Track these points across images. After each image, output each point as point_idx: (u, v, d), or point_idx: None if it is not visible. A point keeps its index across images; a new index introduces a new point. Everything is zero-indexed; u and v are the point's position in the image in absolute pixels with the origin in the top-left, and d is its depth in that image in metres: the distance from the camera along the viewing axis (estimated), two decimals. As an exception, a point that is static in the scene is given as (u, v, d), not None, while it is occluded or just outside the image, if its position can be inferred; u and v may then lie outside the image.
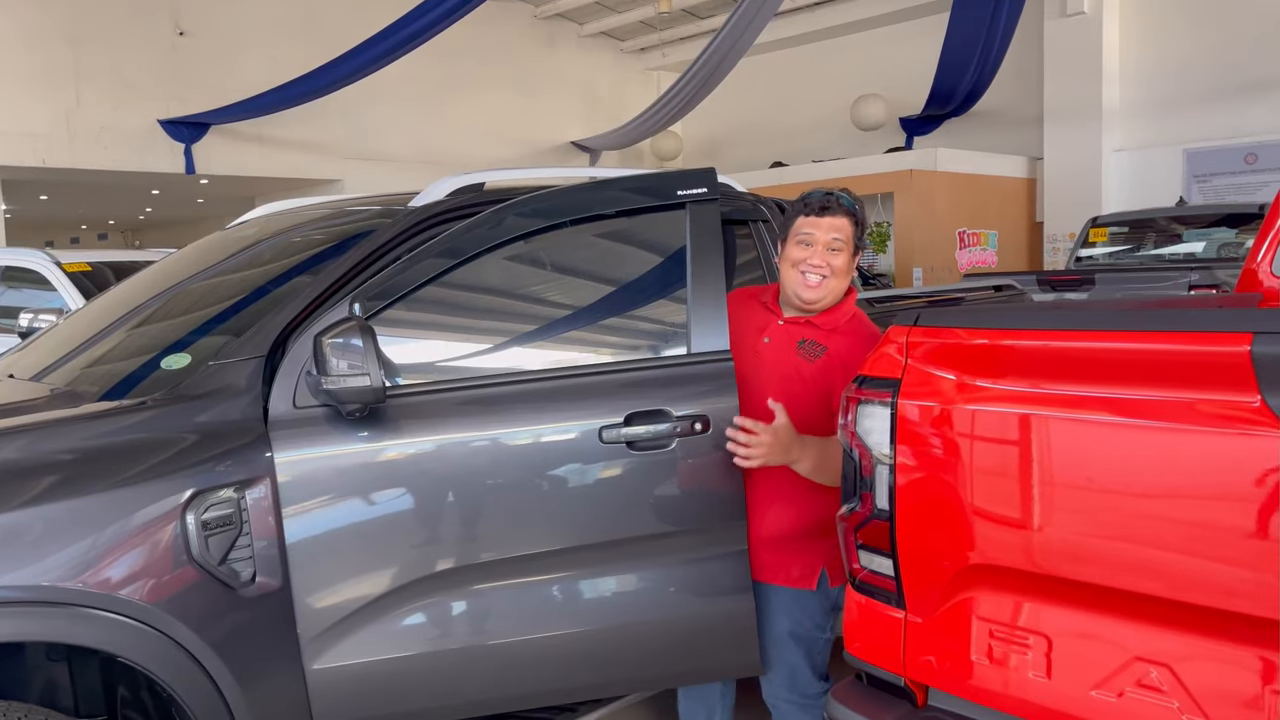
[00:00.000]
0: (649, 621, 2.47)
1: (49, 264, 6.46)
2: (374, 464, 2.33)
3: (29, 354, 3.01)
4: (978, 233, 11.65)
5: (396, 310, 2.44)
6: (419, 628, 2.35)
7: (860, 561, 1.96)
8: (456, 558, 2.37)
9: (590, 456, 2.44)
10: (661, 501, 2.49)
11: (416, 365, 2.47)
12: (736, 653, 2.52)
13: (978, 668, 1.77)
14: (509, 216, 2.56)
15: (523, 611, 2.43)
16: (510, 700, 2.47)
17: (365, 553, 2.31)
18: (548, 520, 2.43)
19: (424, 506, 2.36)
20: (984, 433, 1.76)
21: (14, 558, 1.92)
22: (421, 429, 2.37)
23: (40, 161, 11.53)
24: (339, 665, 2.29)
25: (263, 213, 3.54)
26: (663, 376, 2.51)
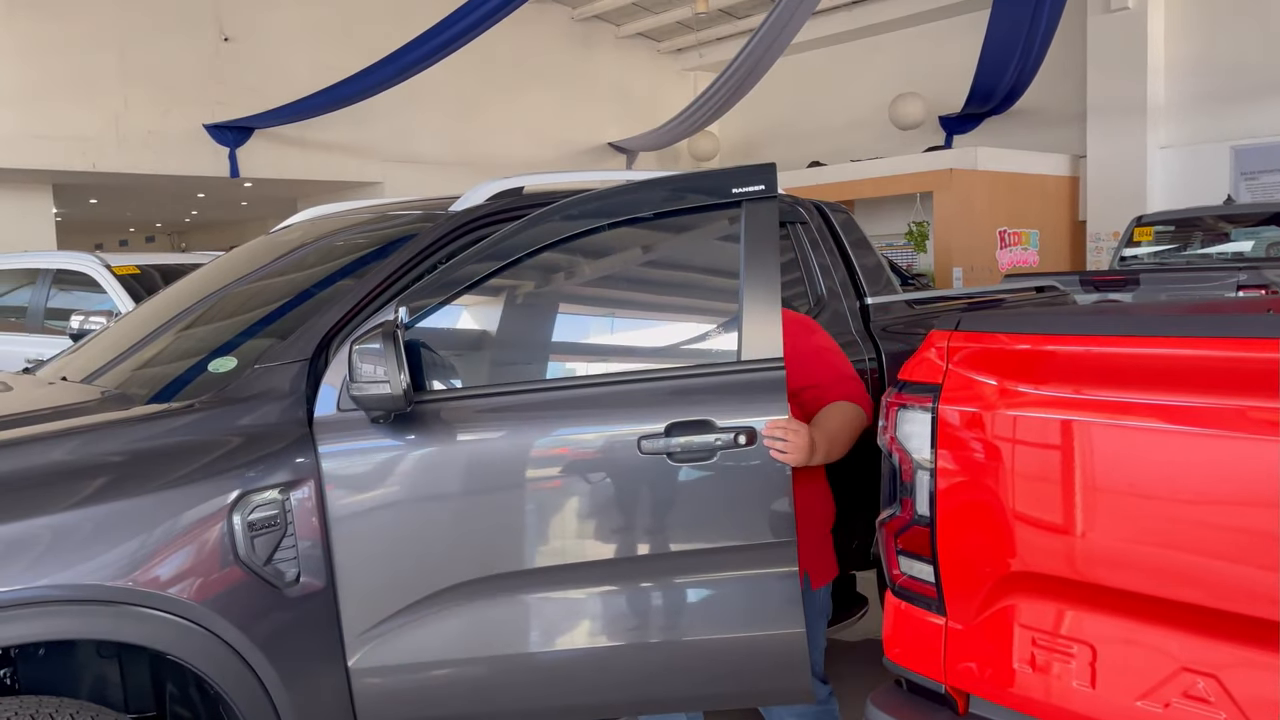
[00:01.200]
0: (690, 641, 2.40)
1: (99, 267, 6.59)
2: (415, 468, 2.35)
3: (80, 356, 3.07)
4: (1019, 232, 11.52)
5: (441, 315, 2.44)
6: (456, 633, 2.35)
7: (900, 567, 1.95)
8: (493, 565, 2.36)
9: (628, 467, 2.37)
10: (704, 517, 2.40)
11: (461, 370, 2.47)
12: (785, 678, 2.41)
13: (1020, 676, 1.75)
14: (556, 219, 2.51)
15: (560, 623, 2.40)
16: (547, 713, 2.45)
17: (405, 556, 2.32)
18: (585, 531, 2.39)
19: (462, 512, 2.36)
20: (1026, 438, 1.74)
21: (66, 557, 1.96)
22: (462, 434, 2.37)
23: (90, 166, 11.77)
24: (381, 666, 2.32)
25: (306, 217, 3.59)
26: (709, 385, 2.40)
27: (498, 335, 2.59)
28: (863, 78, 14.09)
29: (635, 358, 2.56)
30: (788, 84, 14.20)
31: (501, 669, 2.38)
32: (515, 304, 2.59)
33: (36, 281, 7.05)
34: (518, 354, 2.59)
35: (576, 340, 2.64)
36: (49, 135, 11.40)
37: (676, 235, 2.61)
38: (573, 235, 2.52)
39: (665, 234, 2.61)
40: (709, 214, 2.53)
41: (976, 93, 11.84)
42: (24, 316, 7.08)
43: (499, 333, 2.60)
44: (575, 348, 2.62)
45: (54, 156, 11.50)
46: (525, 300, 2.60)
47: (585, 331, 2.67)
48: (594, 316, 2.67)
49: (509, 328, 2.61)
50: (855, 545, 3.45)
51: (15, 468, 2.04)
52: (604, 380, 2.48)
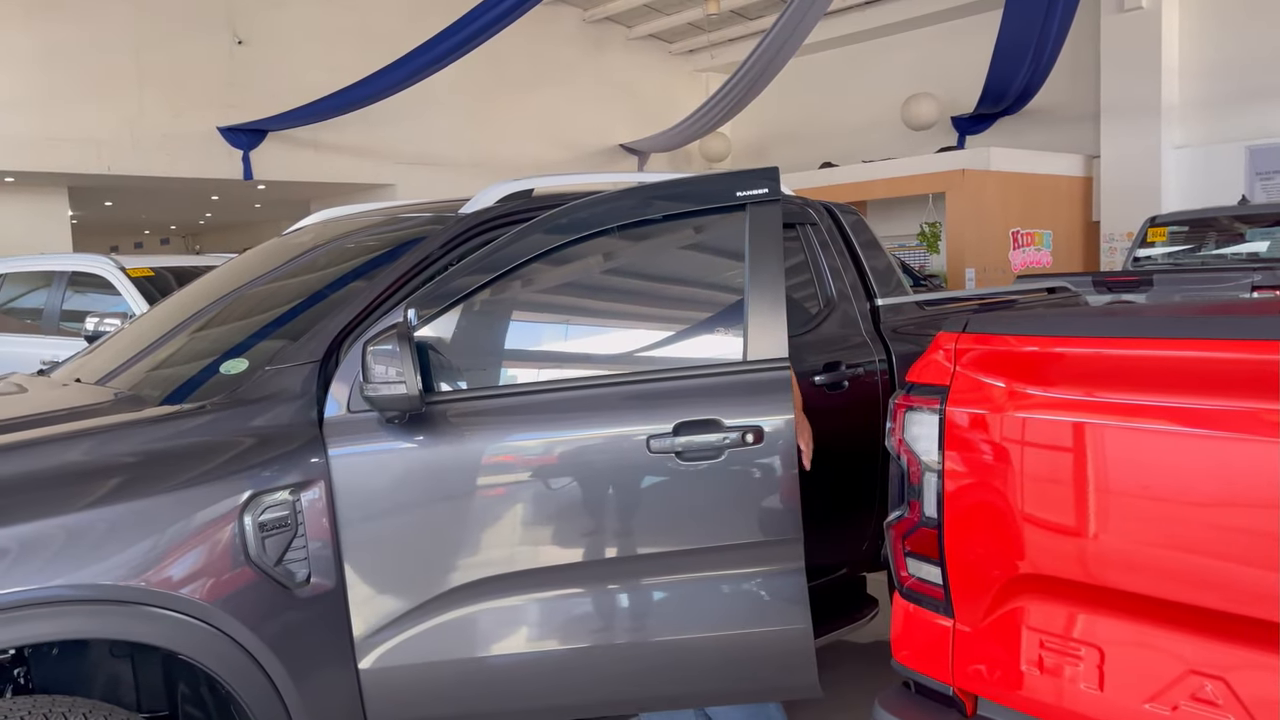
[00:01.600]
0: (699, 637, 2.42)
1: (114, 269, 6.64)
2: (424, 469, 2.36)
3: (95, 358, 3.10)
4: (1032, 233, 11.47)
5: (450, 316, 2.46)
6: (467, 633, 2.37)
7: (908, 569, 1.95)
8: (503, 565, 2.37)
9: (637, 466, 2.39)
10: (712, 514, 2.42)
11: (468, 371, 2.49)
12: (792, 673, 2.43)
13: (1028, 678, 1.75)
14: (564, 222, 2.53)
15: (570, 621, 2.42)
16: (558, 710, 2.47)
17: (415, 556, 2.34)
18: (595, 530, 2.41)
19: (472, 513, 2.38)
20: (1035, 440, 1.74)
21: (78, 557, 1.98)
22: (472, 435, 2.39)
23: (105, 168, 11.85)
24: (391, 666, 2.33)
25: (318, 219, 3.61)
26: (715, 385, 2.44)
27: (506, 337, 2.61)
28: (875, 78, 14.06)
29: (643, 359, 2.58)
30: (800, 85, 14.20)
31: (510, 668, 2.39)
32: (523, 306, 2.60)
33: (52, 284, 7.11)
34: (526, 355, 2.61)
35: (584, 341, 2.65)
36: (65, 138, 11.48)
37: (683, 237, 2.63)
38: (580, 238, 2.54)
39: (672, 236, 2.63)
40: (714, 217, 2.56)
41: (989, 93, 11.81)
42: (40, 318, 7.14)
43: (507, 334, 2.62)
44: (583, 349, 2.64)
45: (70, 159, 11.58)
46: (533, 302, 2.61)
47: (593, 333, 2.69)
48: (601, 318, 2.68)
49: (517, 329, 2.63)
50: (865, 547, 3.45)
51: (29, 469, 2.06)
52: (612, 380, 2.50)
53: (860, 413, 3.36)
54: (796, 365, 3.12)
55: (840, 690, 3.66)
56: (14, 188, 12.48)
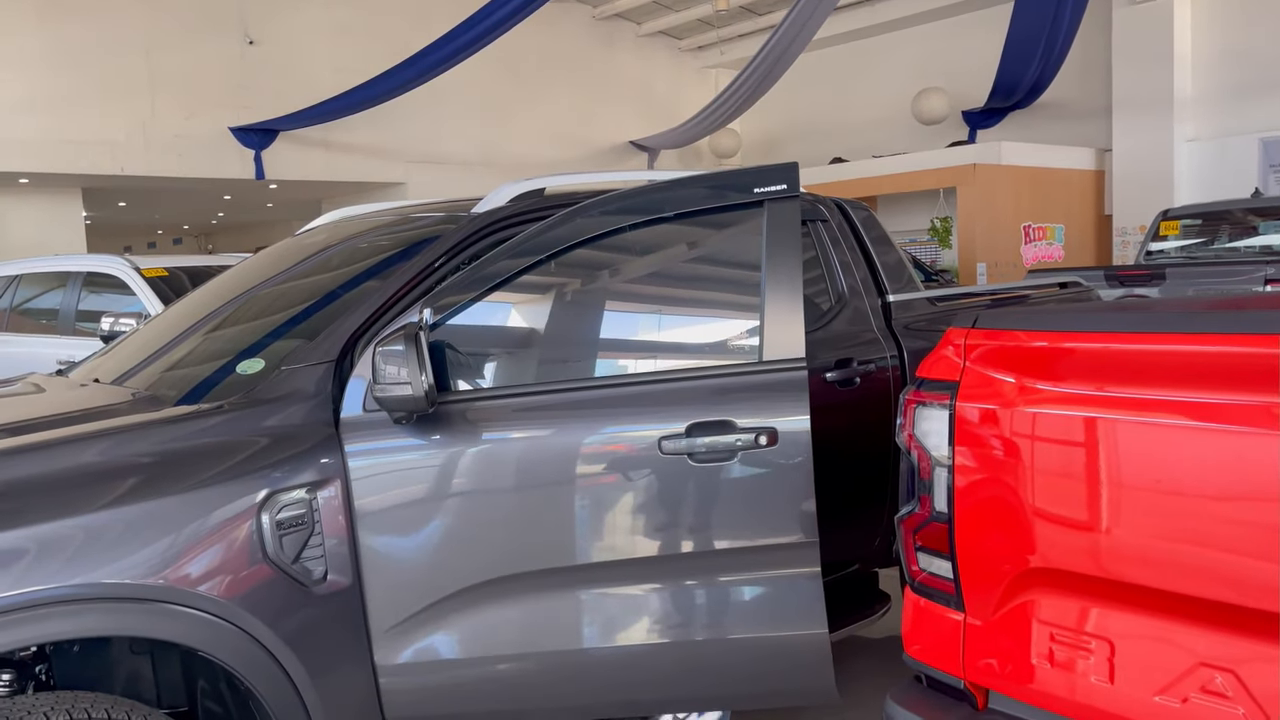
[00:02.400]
0: (711, 640, 2.41)
1: (129, 270, 6.68)
2: (439, 468, 2.38)
3: (111, 358, 3.13)
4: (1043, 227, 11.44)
5: (464, 316, 2.46)
6: (481, 631, 2.38)
7: (919, 564, 1.96)
8: (516, 564, 2.38)
9: (649, 467, 2.38)
10: (725, 517, 2.41)
11: (482, 371, 2.50)
12: (809, 678, 2.42)
13: (1039, 671, 1.76)
14: (578, 220, 2.53)
15: (582, 622, 2.43)
16: (570, 710, 2.48)
17: (430, 555, 2.35)
18: (605, 531, 2.41)
19: (485, 512, 2.38)
20: (1045, 435, 1.74)
21: (98, 556, 2.00)
22: (485, 434, 2.40)
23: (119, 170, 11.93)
24: (407, 663, 2.35)
25: (331, 219, 3.63)
26: (730, 385, 2.42)
27: (520, 336, 2.62)
28: (885, 73, 14.03)
29: (656, 357, 2.58)
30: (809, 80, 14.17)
31: (524, 667, 2.41)
32: (537, 305, 2.61)
33: (67, 284, 7.16)
34: (540, 355, 2.61)
35: (597, 341, 2.66)
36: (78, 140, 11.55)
37: (698, 235, 2.62)
38: (594, 236, 2.54)
39: (687, 234, 2.62)
40: (731, 213, 2.54)
41: (1000, 87, 11.77)
42: (55, 319, 7.19)
43: (521, 334, 2.62)
44: (596, 348, 2.64)
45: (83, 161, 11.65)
46: (547, 301, 2.62)
47: (606, 332, 2.69)
48: (615, 317, 2.68)
49: (531, 329, 2.64)
50: (877, 543, 3.46)
51: (49, 469, 2.09)
52: (625, 380, 2.50)
53: (871, 409, 3.36)
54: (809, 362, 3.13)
55: (852, 686, 3.67)
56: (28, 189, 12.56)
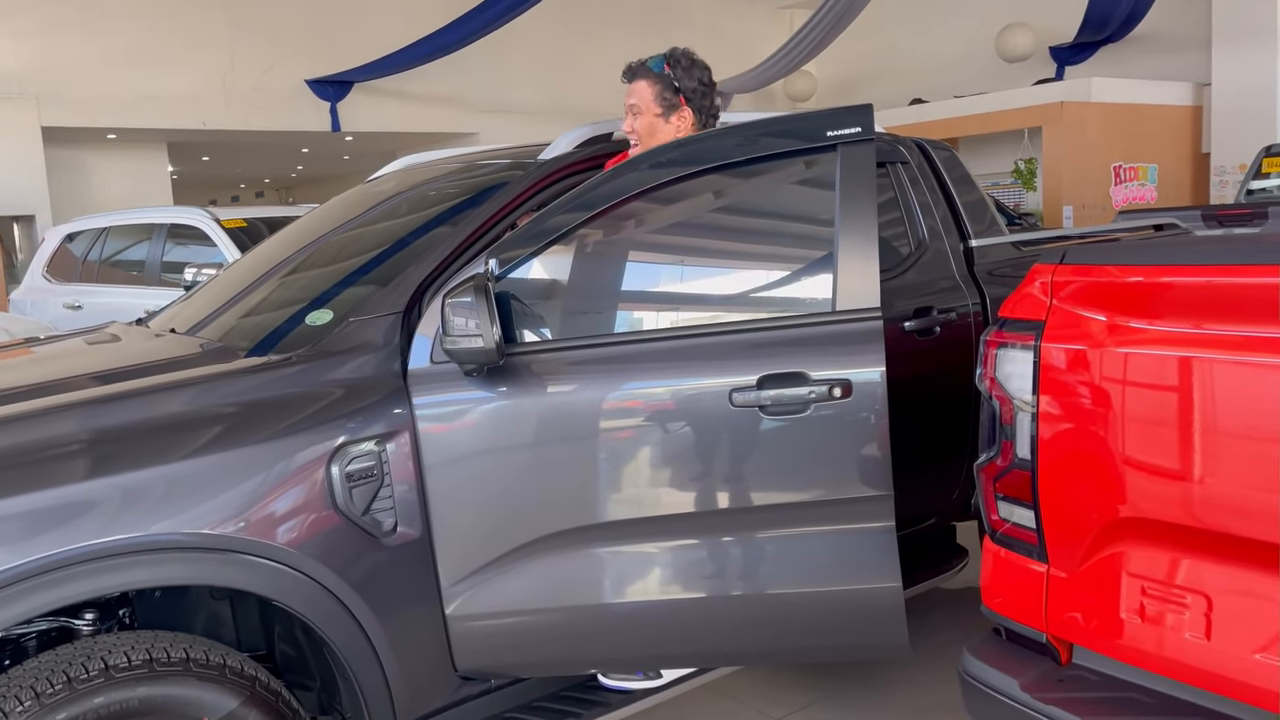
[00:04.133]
0: (784, 594, 2.38)
1: (209, 221, 6.82)
2: (506, 420, 2.35)
3: (188, 308, 3.17)
4: (1135, 167, 10.96)
5: (531, 266, 2.42)
6: (550, 583, 2.37)
7: (999, 513, 1.87)
8: (585, 516, 2.36)
9: (720, 419, 2.33)
10: (797, 470, 2.36)
11: (550, 321, 2.46)
12: (882, 632, 2.38)
13: (1128, 626, 1.67)
14: (646, 166, 2.46)
15: (651, 574, 2.41)
16: (641, 660, 2.47)
17: (498, 507, 2.34)
18: (675, 484, 2.37)
19: (553, 465, 2.36)
20: (1138, 378, 1.63)
21: (175, 505, 2.03)
22: (553, 386, 2.36)
23: (200, 124, 12.17)
24: (476, 613, 2.35)
25: (399, 166, 3.62)
26: (802, 336, 2.35)
27: (587, 287, 2.56)
28: (967, 9, 13.51)
29: (727, 308, 2.51)
30: (888, 18, 13.70)
31: (593, 618, 2.39)
32: (606, 254, 2.55)
33: (152, 236, 7.34)
34: (609, 305, 2.56)
35: (668, 291, 2.59)
36: (162, 95, 11.80)
37: (769, 181, 2.53)
38: (663, 183, 2.46)
39: (758, 180, 2.53)
40: (803, 158, 2.46)
41: (1090, 20, 11.24)
42: (142, 270, 7.39)
43: (590, 283, 2.56)
44: (666, 298, 2.58)
45: (167, 116, 11.92)
46: (616, 250, 2.56)
47: (676, 281, 2.62)
48: (685, 266, 2.61)
49: (599, 278, 2.57)
50: (955, 496, 3.37)
51: (128, 420, 2.12)
52: (695, 332, 2.44)
53: (952, 359, 3.26)
54: (886, 311, 3.03)
55: (928, 639, 3.61)
56: (116, 145, 12.91)
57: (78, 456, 2.03)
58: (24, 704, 1.85)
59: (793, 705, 3.21)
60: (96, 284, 7.63)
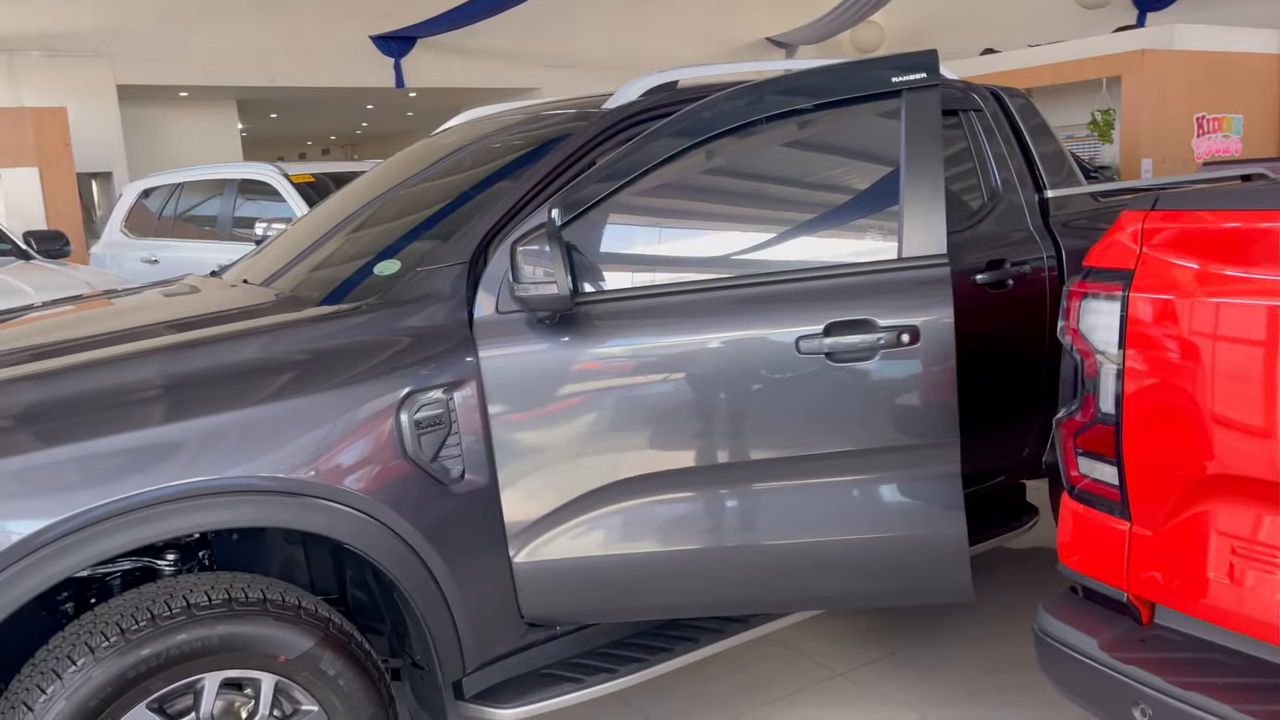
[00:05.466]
0: (851, 539, 2.39)
1: (277, 176, 6.91)
2: (572, 369, 2.36)
3: (259, 260, 3.22)
4: (1219, 118, 10.52)
5: (595, 215, 2.42)
6: (616, 529, 2.39)
7: (1079, 469, 1.82)
8: (651, 464, 2.37)
9: (786, 367, 2.34)
10: (864, 417, 2.36)
11: (615, 270, 2.45)
12: (945, 577, 2.40)
13: (1215, 586, 1.61)
14: (709, 112, 2.44)
15: (717, 521, 2.41)
16: (705, 606, 2.49)
17: (564, 454, 2.35)
18: (743, 431, 2.38)
19: (618, 412, 2.37)
20: (1232, 330, 1.56)
21: (251, 449, 2.07)
22: (617, 335, 2.36)
23: (269, 81, 12.31)
24: (542, 560, 2.38)
25: (464, 119, 3.61)
26: (869, 283, 2.36)
27: (651, 235, 2.55)
28: (1045, -47, 13.04)
29: (790, 255, 2.49)
30: (960, -35, 13.32)
31: (659, 564, 2.41)
32: (669, 203, 2.53)
33: (223, 192, 7.46)
34: (672, 254, 2.54)
35: (731, 239, 2.57)
36: (231, 53, 11.94)
37: (834, 127, 2.51)
38: (726, 130, 2.45)
39: (823, 127, 2.51)
40: (868, 104, 2.44)
41: (1175, -37, 10.77)
42: (214, 225, 7.53)
43: (653, 233, 2.55)
44: (730, 247, 2.55)
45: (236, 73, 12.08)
46: (678, 199, 2.54)
47: (740, 230, 2.59)
48: (749, 214, 2.58)
49: (662, 227, 2.56)
50: (1026, 454, 3.31)
51: (206, 366, 2.16)
52: (760, 279, 2.43)
53: (1025, 313, 3.18)
54: (956, 264, 2.96)
55: (994, 597, 3.57)
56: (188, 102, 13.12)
57: (158, 401, 2.08)
58: (110, 639, 1.91)
59: (857, 660, 3.20)
60: (171, 239, 7.80)
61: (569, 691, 2.47)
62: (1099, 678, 1.68)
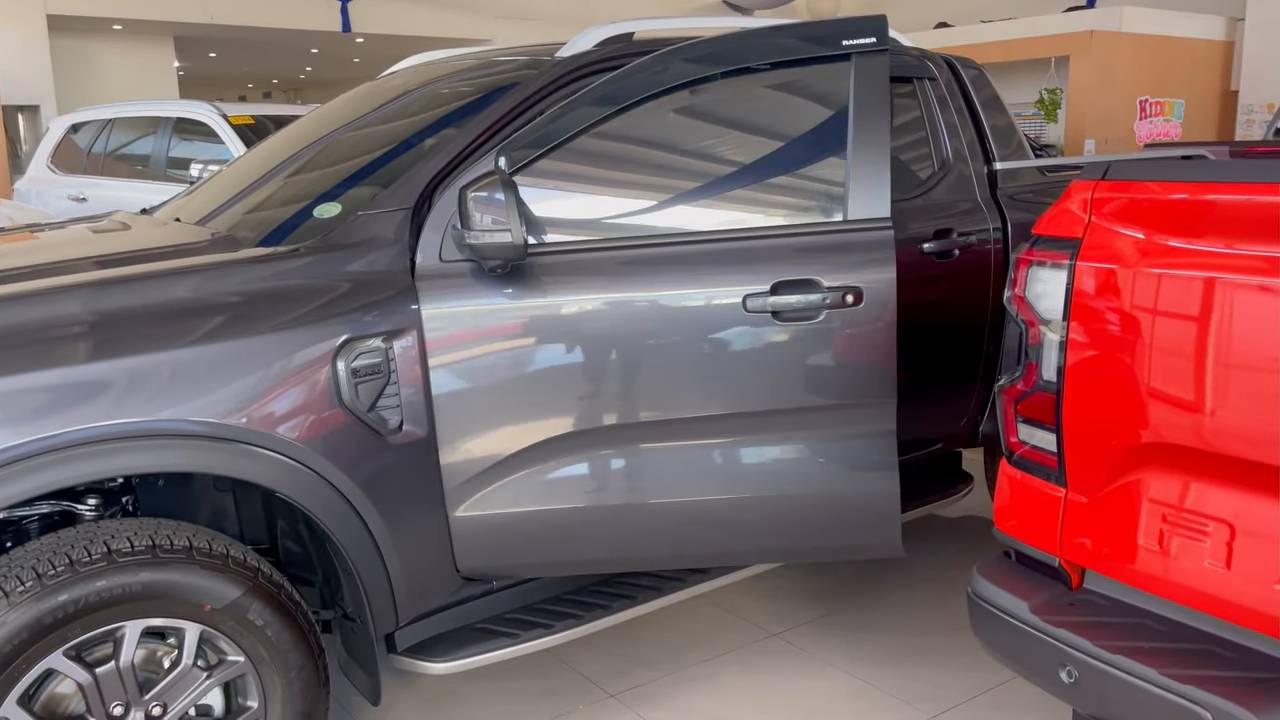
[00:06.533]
0: (787, 494, 2.44)
1: (215, 116, 6.69)
2: (515, 321, 2.33)
3: (194, 199, 3.11)
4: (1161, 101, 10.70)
5: (542, 165, 2.39)
6: (555, 484, 2.38)
7: (1019, 435, 1.84)
8: (592, 418, 2.37)
9: (732, 325, 2.37)
10: (807, 375, 2.41)
11: (561, 223, 2.42)
12: (876, 532, 2.47)
13: (1144, 552, 1.65)
14: (661, 66, 2.43)
15: (657, 475, 2.42)
16: (642, 561, 2.50)
17: (505, 408, 2.33)
18: (685, 387, 2.39)
19: (562, 366, 2.35)
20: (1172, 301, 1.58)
21: (181, 393, 2.00)
22: (563, 288, 2.34)
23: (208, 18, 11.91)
24: (479, 514, 2.35)
25: (411, 64, 3.52)
26: (815, 244, 2.41)
27: (599, 188, 2.52)
28: (1000, -71, 13.08)
29: (739, 214, 2.49)
30: (917, -64, 13.31)
31: (593, 520, 2.41)
32: (616, 157, 2.50)
33: (158, 130, 7.21)
34: (619, 208, 2.52)
35: (679, 195, 2.55)
36: (168, -13, 11.52)
37: (782, 88, 2.53)
38: (677, 85, 2.46)
39: (771, 86, 2.53)
40: (817, 67, 2.47)
41: (1127, -55, 10.87)
42: (147, 164, 7.28)
43: (600, 185, 2.52)
44: (675, 203, 2.53)
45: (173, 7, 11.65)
46: (626, 152, 2.51)
47: (688, 186, 2.57)
48: (696, 170, 2.57)
49: (610, 180, 2.53)
50: (964, 423, 3.35)
51: (136, 303, 2.08)
52: (708, 237, 2.45)
53: (968, 284, 3.22)
54: (903, 231, 2.98)
55: (926, 561, 3.63)
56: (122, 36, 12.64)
57: (86, 338, 1.99)
58: (25, 584, 1.85)
59: (791, 621, 3.24)
60: (101, 176, 7.53)
61: (503, 647, 2.46)
62: (1028, 640, 1.71)
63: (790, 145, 2.57)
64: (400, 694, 2.87)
